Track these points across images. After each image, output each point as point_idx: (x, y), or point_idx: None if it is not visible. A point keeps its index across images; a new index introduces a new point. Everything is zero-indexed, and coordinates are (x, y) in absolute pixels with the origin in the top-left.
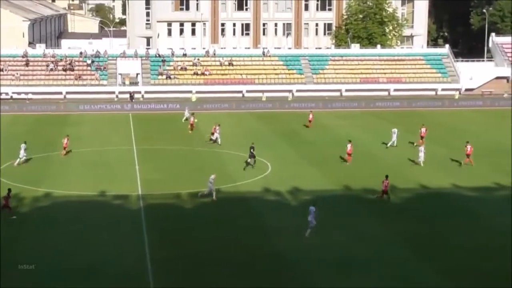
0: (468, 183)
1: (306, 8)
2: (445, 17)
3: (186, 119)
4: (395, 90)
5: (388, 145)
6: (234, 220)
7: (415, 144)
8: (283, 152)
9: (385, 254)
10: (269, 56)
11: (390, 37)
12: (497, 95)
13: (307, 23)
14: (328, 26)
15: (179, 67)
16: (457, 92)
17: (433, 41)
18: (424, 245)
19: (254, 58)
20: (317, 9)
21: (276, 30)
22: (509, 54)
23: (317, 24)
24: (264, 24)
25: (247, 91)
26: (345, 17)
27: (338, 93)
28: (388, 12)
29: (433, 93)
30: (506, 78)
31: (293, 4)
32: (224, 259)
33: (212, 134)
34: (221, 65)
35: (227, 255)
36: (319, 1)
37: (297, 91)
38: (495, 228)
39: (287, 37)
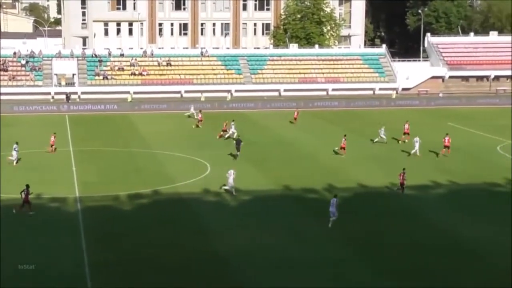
0: (407, 182)
1: (244, 8)
2: (382, 17)
3: (189, 116)
4: (333, 89)
5: (375, 140)
6: (173, 222)
7: (399, 141)
8: (223, 152)
9: (325, 254)
10: (208, 56)
11: (328, 37)
12: (432, 95)
13: (245, 23)
14: (266, 26)
15: (116, 68)
16: (394, 92)
17: (370, 41)
18: (364, 245)
19: (192, 58)
20: (255, 9)
21: (214, 30)
22: (444, 54)
23: (255, 24)
24: (202, 24)
25: (186, 92)
26: (283, 17)
27: (276, 93)
28: (326, 12)
29: (370, 92)
30: (441, 77)
31: (231, 4)
32: (163, 262)
33: (224, 131)
34: (159, 65)
35: (166, 257)
36: (257, 1)
37: (236, 91)
38: (433, 226)
39: (225, 37)
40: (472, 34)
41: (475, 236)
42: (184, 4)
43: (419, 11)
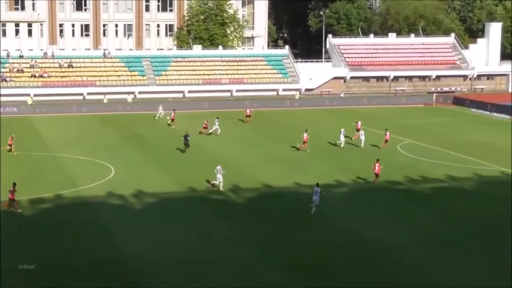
0: (310, 181)
1: (147, 9)
2: (284, 19)
3: (158, 117)
4: (238, 90)
5: (340, 142)
6: (77, 226)
7: (352, 138)
8: (127, 155)
9: (232, 254)
10: (110, 57)
11: (231, 38)
12: (335, 95)
13: (149, 24)
14: (169, 27)
15: (15, 69)
16: (298, 92)
17: (273, 42)
18: (270, 244)
19: (94, 60)
20: (158, 10)
21: (116, 31)
22: (345, 55)
23: (158, 25)
24: (104, 25)
25: (88, 93)
26: (186, 18)
27: (181, 95)
28: (229, 14)
29: (274, 93)
30: (343, 78)
31: (133, 4)
32: (68, 266)
33: (205, 128)
34: (60, 67)
35: (70, 262)
36: (160, 1)
37: (140, 92)
38: (338, 225)
39: (128, 38)
40: (372, 35)
41: (378, 234)
42: (85, 5)
43: (321, 12)
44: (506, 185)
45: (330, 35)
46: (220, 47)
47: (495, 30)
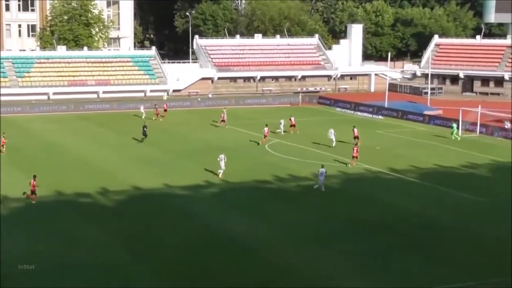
0: (180, 183)
1: (7, 8)
2: (150, 20)
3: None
4: (104, 92)
5: (277, 131)
6: None
7: (291, 132)
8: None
9: (102, 257)
10: None
11: (96, 39)
12: (203, 96)
13: (9, 24)
14: (32, 27)
15: None
16: (165, 93)
17: (140, 43)
18: (140, 247)
19: None
20: (19, 10)
21: None
22: (212, 56)
23: (20, 25)
24: None
25: None
26: (49, 18)
27: (45, 97)
28: (94, 14)
29: (142, 94)
30: (211, 78)
31: None
32: None
33: (223, 121)
34: None
35: None
36: (21, 1)
37: (2, 95)
38: (207, 225)
39: None
40: (238, 36)
41: (248, 233)
42: None
43: (187, 13)
44: (370, 181)
45: (196, 36)
46: (85, 48)
47: (356, 31)
